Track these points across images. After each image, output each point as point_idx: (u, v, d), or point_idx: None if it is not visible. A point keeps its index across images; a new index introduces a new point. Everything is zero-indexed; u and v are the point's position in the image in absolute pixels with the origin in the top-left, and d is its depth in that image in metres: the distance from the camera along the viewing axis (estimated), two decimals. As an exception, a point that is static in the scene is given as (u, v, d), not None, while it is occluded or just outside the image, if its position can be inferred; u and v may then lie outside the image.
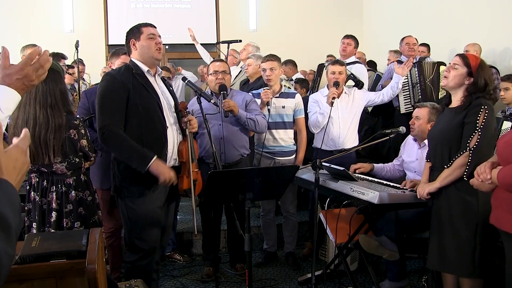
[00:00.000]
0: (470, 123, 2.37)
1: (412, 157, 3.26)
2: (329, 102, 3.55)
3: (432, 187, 2.47)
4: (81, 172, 2.55)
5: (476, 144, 2.33)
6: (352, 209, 2.86)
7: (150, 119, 2.48)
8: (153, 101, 2.51)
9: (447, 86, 2.55)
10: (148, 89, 2.51)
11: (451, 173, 2.40)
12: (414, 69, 4.43)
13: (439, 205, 2.50)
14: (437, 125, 2.63)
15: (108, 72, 2.62)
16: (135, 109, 2.45)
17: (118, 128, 2.43)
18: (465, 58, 2.49)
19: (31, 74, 1.34)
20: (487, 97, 2.42)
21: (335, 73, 3.63)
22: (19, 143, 1.00)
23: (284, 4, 7.88)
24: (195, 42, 5.78)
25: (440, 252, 2.48)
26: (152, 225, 2.56)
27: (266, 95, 3.47)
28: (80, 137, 2.48)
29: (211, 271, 3.47)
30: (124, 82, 2.46)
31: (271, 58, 3.58)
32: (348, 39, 4.66)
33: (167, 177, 2.42)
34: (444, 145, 2.48)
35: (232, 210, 2.66)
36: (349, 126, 3.68)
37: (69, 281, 1.66)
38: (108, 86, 2.49)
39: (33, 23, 6.93)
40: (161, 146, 2.51)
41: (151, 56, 2.54)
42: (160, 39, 2.59)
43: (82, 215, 2.50)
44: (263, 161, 3.57)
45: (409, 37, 4.77)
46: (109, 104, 2.45)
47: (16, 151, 0.98)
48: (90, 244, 1.76)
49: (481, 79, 2.41)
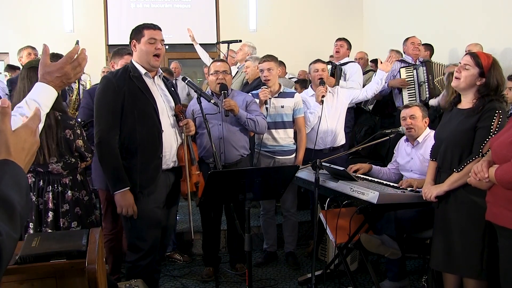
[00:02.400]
0: (483, 128, 2.29)
1: (406, 158, 3.25)
2: (318, 100, 3.63)
3: (440, 190, 2.42)
4: (77, 172, 2.54)
5: (489, 150, 2.25)
6: (352, 209, 2.86)
7: (145, 123, 2.48)
8: (148, 104, 2.50)
9: (458, 87, 2.45)
10: (144, 92, 2.50)
11: (462, 177, 2.34)
12: (422, 68, 4.46)
13: (446, 206, 2.45)
14: (445, 124, 2.54)
15: (105, 76, 2.62)
16: (130, 112, 2.46)
17: (113, 137, 2.45)
18: (476, 57, 2.36)
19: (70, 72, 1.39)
20: (500, 100, 2.34)
21: (318, 70, 3.73)
22: (28, 122, 1.00)
23: (284, 4, 7.88)
24: (194, 43, 5.78)
25: (446, 253, 2.45)
26: (151, 225, 2.56)
27: (264, 94, 3.48)
28: (76, 137, 2.48)
29: (211, 271, 3.47)
30: (120, 86, 2.45)
31: (268, 59, 3.59)
32: (340, 41, 4.79)
33: (124, 210, 2.46)
34: (455, 148, 2.41)
35: (232, 210, 2.66)
36: (336, 124, 3.75)
37: (69, 281, 1.67)
38: (103, 90, 2.49)
39: (33, 23, 6.93)
40: (155, 150, 2.52)
41: (148, 62, 2.52)
42: (161, 44, 2.54)
43: (78, 215, 2.50)
44: (263, 160, 3.58)
45: (413, 38, 4.77)
46: (104, 109, 2.47)
47: (25, 131, 0.98)
48: (90, 244, 1.75)
49: (493, 79, 2.32)
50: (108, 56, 7.17)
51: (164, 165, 2.56)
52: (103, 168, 2.50)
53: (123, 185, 2.45)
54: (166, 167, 2.59)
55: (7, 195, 0.83)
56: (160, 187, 2.57)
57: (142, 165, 2.49)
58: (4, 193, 0.83)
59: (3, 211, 0.81)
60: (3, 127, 0.93)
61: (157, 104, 2.53)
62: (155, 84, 2.61)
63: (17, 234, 0.83)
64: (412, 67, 4.55)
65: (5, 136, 0.93)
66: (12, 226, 0.81)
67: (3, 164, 0.89)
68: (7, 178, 0.86)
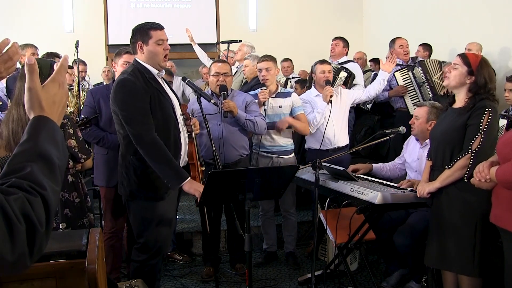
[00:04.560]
0: (473, 125, 2.37)
1: (413, 156, 3.26)
2: (327, 100, 3.61)
3: (432, 187, 2.48)
4: (68, 173, 2.49)
5: (478, 146, 2.33)
6: (352, 209, 2.86)
7: (168, 124, 2.48)
8: (168, 105, 2.50)
9: (449, 86, 2.58)
10: (163, 93, 2.50)
11: (452, 174, 2.41)
12: (418, 68, 4.42)
13: (439, 204, 2.51)
14: (439, 124, 2.63)
15: (125, 78, 2.45)
16: (155, 114, 2.44)
17: (155, 135, 2.39)
18: (465, 57, 2.49)
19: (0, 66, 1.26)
20: (490, 98, 2.41)
21: (325, 72, 3.71)
22: (55, 75, 1.02)
23: (284, 4, 7.88)
24: (193, 43, 5.78)
25: (439, 250, 2.50)
26: (165, 225, 2.56)
27: (263, 95, 3.48)
28: (67, 137, 2.44)
29: (211, 271, 3.46)
30: (145, 88, 2.43)
31: (266, 59, 3.59)
32: (335, 40, 4.73)
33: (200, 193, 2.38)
34: (446, 145, 2.48)
35: (232, 210, 2.66)
36: (341, 124, 3.77)
37: (69, 281, 1.66)
38: (132, 92, 2.41)
39: (33, 23, 6.92)
40: (177, 150, 2.52)
41: (158, 63, 2.51)
42: (167, 44, 2.53)
43: (68, 216, 2.46)
44: (261, 160, 3.57)
45: (400, 39, 4.70)
46: (138, 110, 2.39)
47: (53, 85, 1.00)
48: (90, 244, 1.75)
49: (481, 77, 2.40)
50: (109, 56, 7.18)
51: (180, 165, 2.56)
52: (158, 168, 2.39)
53: (184, 177, 2.41)
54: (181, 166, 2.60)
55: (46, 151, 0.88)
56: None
57: None
58: (43, 149, 0.88)
59: (44, 167, 0.87)
60: (32, 85, 0.96)
61: (174, 104, 2.54)
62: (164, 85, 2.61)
63: (58, 187, 0.89)
64: (406, 69, 4.50)
65: (36, 92, 0.96)
66: (53, 180, 0.87)
67: (38, 121, 0.94)
68: (44, 134, 0.91)
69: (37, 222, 0.80)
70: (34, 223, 0.80)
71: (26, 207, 0.79)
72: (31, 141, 0.90)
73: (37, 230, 0.80)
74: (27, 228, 0.79)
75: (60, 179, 0.91)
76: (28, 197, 0.80)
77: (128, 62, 2.94)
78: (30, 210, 0.80)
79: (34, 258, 0.81)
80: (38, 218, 0.81)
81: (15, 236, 0.77)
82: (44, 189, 0.84)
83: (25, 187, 0.82)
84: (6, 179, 0.83)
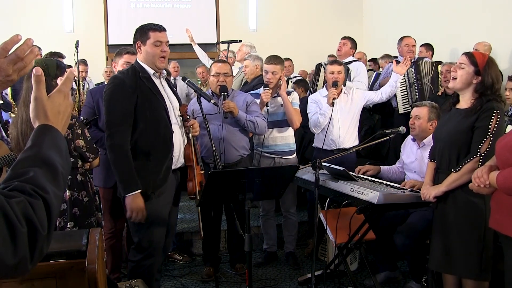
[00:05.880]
0: (481, 127, 2.29)
1: (411, 157, 3.25)
2: (329, 102, 3.56)
3: (438, 190, 2.42)
4: (77, 172, 2.51)
5: (487, 149, 2.26)
6: (352, 209, 2.86)
7: (157, 124, 2.48)
8: (160, 105, 2.50)
9: (455, 87, 2.45)
10: (155, 93, 2.50)
11: (459, 178, 2.34)
12: (411, 69, 4.42)
13: (444, 207, 2.45)
14: (444, 125, 2.54)
15: (116, 76, 2.54)
16: (142, 113, 2.44)
17: (125, 139, 2.42)
18: (472, 56, 2.39)
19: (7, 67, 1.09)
20: (498, 99, 2.34)
21: (334, 72, 3.63)
22: (61, 87, 1.05)
23: (284, 4, 7.88)
24: (193, 43, 5.78)
25: (444, 254, 2.45)
26: (159, 225, 2.56)
27: (266, 95, 3.46)
28: (76, 137, 2.46)
29: (211, 271, 3.47)
30: (133, 87, 2.44)
31: (275, 62, 3.50)
32: (344, 39, 4.70)
33: (134, 214, 2.41)
34: (452, 148, 2.41)
35: (232, 210, 2.66)
36: (349, 126, 3.68)
37: (69, 281, 1.66)
38: (117, 91, 2.45)
39: (33, 23, 6.93)
40: (167, 151, 2.52)
41: (154, 64, 2.52)
42: (167, 46, 2.53)
43: (76, 215, 2.47)
44: (263, 161, 3.57)
45: (408, 38, 4.73)
46: (117, 111, 2.43)
47: (58, 95, 1.03)
48: (90, 244, 1.75)
49: (488, 77, 2.33)
50: (108, 56, 7.18)
51: (173, 166, 2.57)
52: (115, 171, 2.45)
53: (134, 188, 2.41)
54: (174, 167, 2.59)
55: (49, 157, 0.91)
56: (169, 187, 2.57)
57: (155, 166, 2.48)
58: (47, 156, 0.91)
59: (47, 172, 0.89)
60: (39, 94, 0.99)
61: (167, 105, 2.53)
62: (162, 85, 2.61)
63: (61, 192, 0.92)
64: None
65: (42, 102, 0.99)
66: (56, 185, 0.89)
67: (43, 129, 0.97)
68: (48, 142, 0.94)
69: (39, 225, 0.81)
70: (36, 226, 0.80)
71: (28, 210, 0.80)
72: (35, 147, 0.92)
73: (39, 233, 0.80)
74: (29, 231, 0.79)
75: (63, 185, 0.92)
76: (30, 200, 0.81)
77: (128, 62, 2.94)
78: (32, 213, 0.80)
79: (35, 262, 0.81)
80: (40, 221, 0.81)
81: (17, 239, 0.77)
82: (47, 193, 0.84)
83: (27, 190, 0.82)
84: (9, 183, 0.84)
